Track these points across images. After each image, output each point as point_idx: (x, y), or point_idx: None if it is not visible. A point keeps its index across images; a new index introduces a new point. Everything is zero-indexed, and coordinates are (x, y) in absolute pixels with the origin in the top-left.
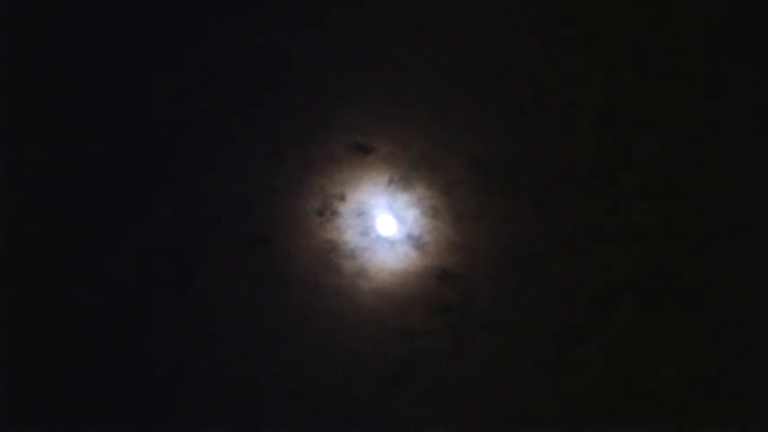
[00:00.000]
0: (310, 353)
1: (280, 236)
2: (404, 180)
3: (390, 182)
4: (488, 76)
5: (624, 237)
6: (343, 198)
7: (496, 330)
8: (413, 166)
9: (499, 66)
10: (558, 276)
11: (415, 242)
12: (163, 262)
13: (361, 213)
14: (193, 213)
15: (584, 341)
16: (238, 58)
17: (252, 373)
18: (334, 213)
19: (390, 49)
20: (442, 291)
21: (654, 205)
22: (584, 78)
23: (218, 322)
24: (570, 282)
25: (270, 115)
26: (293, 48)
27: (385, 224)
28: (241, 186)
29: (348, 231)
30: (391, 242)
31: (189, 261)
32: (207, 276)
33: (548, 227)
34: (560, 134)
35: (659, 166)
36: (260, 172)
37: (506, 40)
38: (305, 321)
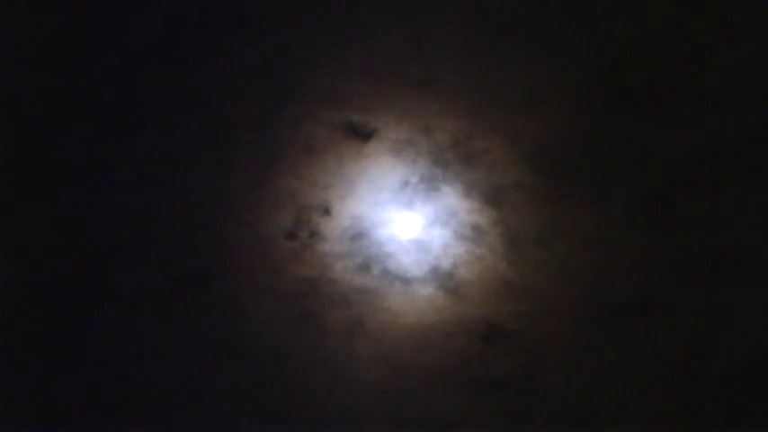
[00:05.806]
0: None
1: (223, 275)
2: (425, 182)
3: (404, 185)
4: (565, 17)
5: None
6: (327, 211)
7: (571, 416)
8: (439, 161)
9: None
10: (664, 333)
11: (445, 281)
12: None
13: (357, 236)
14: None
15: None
16: None
17: None
18: (314, 236)
19: None
20: (488, 358)
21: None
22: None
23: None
24: (686, 352)
25: (207, 76)
26: None
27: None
28: (164, 199)
29: (336, 265)
30: (406, 281)
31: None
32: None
33: (658, 255)
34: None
35: None
36: (191, 173)
37: None
38: (267, 412)
